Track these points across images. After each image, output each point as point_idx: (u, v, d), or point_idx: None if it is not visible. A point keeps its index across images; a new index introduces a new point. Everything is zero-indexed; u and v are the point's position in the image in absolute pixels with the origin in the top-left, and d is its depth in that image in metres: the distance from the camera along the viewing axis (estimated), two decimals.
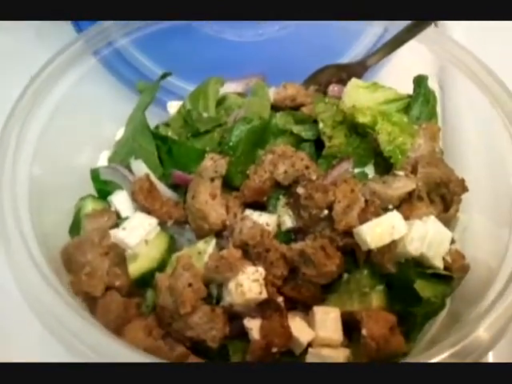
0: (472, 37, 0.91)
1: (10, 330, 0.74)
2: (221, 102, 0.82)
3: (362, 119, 0.69)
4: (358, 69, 0.83)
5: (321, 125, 0.71)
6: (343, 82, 0.82)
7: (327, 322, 0.64)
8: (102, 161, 0.79)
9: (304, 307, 0.67)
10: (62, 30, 0.88)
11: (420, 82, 0.76)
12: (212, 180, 0.67)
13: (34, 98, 0.70)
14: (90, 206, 0.73)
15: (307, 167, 0.67)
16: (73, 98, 0.76)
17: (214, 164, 0.67)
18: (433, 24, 0.81)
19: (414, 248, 0.64)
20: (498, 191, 0.74)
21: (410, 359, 0.63)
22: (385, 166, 0.73)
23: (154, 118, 0.79)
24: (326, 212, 0.66)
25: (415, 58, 0.88)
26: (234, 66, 0.87)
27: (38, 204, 0.66)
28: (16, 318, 0.70)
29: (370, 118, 0.69)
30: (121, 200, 0.72)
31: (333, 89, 0.81)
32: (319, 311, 0.65)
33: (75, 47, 0.77)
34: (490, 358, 0.72)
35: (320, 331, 0.63)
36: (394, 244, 0.64)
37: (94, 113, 0.82)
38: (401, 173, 0.69)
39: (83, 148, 0.80)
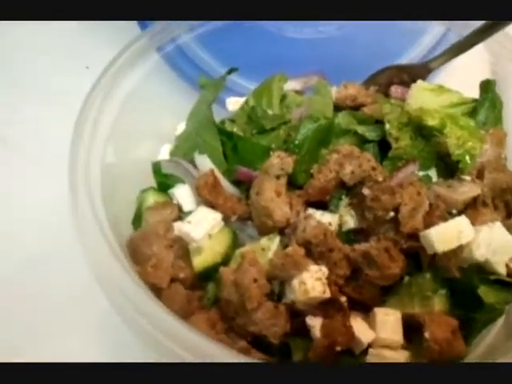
0: None
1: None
2: (281, 99, 0.82)
3: (431, 122, 0.68)
4: (421, 71, 0.82)
5: (387, 126, 0.71)
6: (405, 84, 0.82)
7: (388, 323, 0.64)
8: (163, 154, 0.80)
9: (364, 308, 0.67)
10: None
11: (487, 86, 0.76)
12: (278, 177, 0.67)
13: (105, 92, 0.72)
14: (151, 199, 0.74)
15: (374, 168, 0.67)
16: (137, 93, 0.78)
17: (280, 161, 0.67)
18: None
19: (480, 253, 0.63)
20: None
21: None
22: (447, 170, 0.73)
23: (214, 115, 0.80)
24: (392, 214, 0.66)
25: (472, 60, 0.87)
26: (292, 64, 0.87)
27: (109, 192, 0.67)
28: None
29: (439, 120, 0.69)
30: (183, 194, 0.73)
31: (395, 90, 0.80)
32: (380, 312, 0.65)
33: (140, 43, 0.79)
34: None
35: (381, 332, 0.63)
36: (460, 249, 0.63)
37: (156, 107, 0.83)
38: (467, 177, 0.69)
39: (145, 141, 0.81)
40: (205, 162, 0.72)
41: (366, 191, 0.67)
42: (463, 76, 0.88)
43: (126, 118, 0.74)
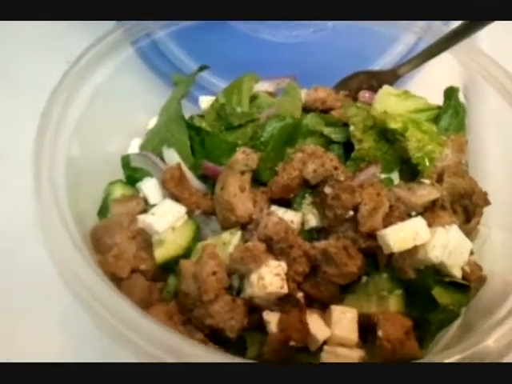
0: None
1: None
2: (252, 99, 0.83)
3: (393, 125, 0.70)
4: (389, 77, 0.84)
5: (352, 127, 0.72)
6: (373, 89, 0.83)
7: (344, 321, 0.65)
8: (133, 148, 0.81)
9: (321, 306, 0.68)
10: None
11: (451, 93, 0.78)
12: (242, 173, 0.68)
13: (74, 83, 0.72)
14: (118, 191, 0.74)
15: (336, 168, 0.68)
16: (109, 86, 0.78)
17: (245, 157, 0.68)
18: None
19: (435, 255, 0.65)
20: None
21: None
22: (409, 174, 0.74)
23: (185, 112, 0.80)
24: (351, 213, 0.67)
25: (442, 68, 0.89)
26: (266, 66, 0.88)
27: (74, 185, 0.67)
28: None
29: (401, 124, 0.70)
30: (150, 187, 0.74)
31: (363, 95, 0.82)
32: (336, 310, 0.66)
33: (114, 36, 0.79)
34: None
35: (336, 330, 0.64)
36: (415, 250, 0.65)
37: (128, 101, 0.84)
38: (426, 181, 0.70)
39: (115, 135, 0.82)
40: (172, 156, 0.73)
41: (327, 190, 0.68)
42: (434, 85, 0.90)
43: (95, 110, 0.75)
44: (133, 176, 0.76)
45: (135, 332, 0.55)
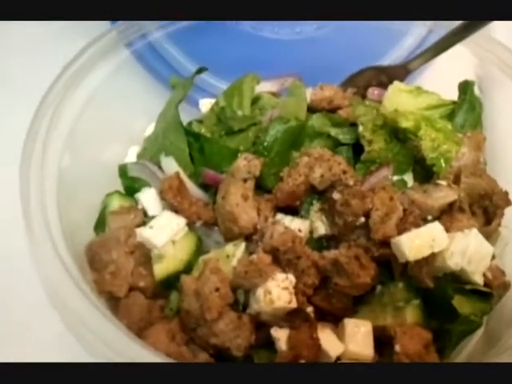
0: None
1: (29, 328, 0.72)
2: (254, 101, 0.79)
3: (405, 124, 0.66)
4: (399, 72, 0.80)
5: (360, 128, 0.68)
6: (383, 86, 0.79)
7: (358, 335, 0.61)
8: (131, 157, 0.77)
9: (334, 319, 0.64)
10: None
11: (466, 87, 0.73)
12: (245, 181, 0.65)
13: (66, 88, 0.69)
14: (116, 203, 0.71)
15: (345, 172, 0.64)
16: (103, 90, 0.75)
17: (247, 164, 0.64)
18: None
19: (454, 262, 0.60)
20: None
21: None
22: (424, 175, 0.70)
23: (185, 116, 0.77)
24: (362, 220, 0.63)
25: (455, 62, 0.84)
26: (268, 65, 0.84)
27: (66, 198, 0.64)
28: (36, 315, 0.68)
29: (413, 122, 0.66)
30: (148, 198, 0.70)
31: (372, 92, 0.78)
32: (350, 324, 0.62)
33: (108, 38, 0.75)
34: None
35: (350, 345, 0.60)
36: (433, 257, 0.60)
37: (125, 106, 0.81)
38: (443, 182, 0.66)
39: (112, 143, 0.78)
40: (171, 165, 0.69)
41: (335, 195, 0.64)
42: (447, 79, 0.85)
43: (89, 116, 0.71)
44: (131, 186, 0.73)
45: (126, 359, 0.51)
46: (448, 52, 0.78)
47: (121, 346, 0.52)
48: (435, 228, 0.61)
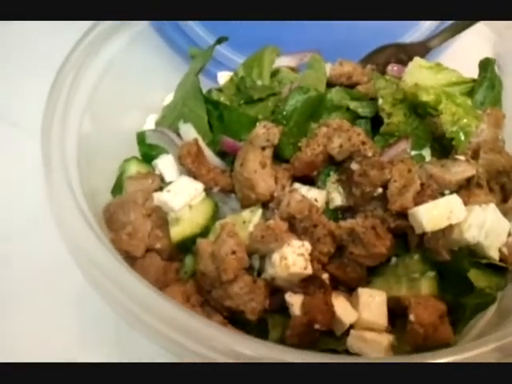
0: None
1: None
2: (274, 74, 0.79)
3: (426, 98, 0.66)
4: (419, 49, 0.80)
5: (380, 101, 0.68)
6: (402, 63, 0.79)
7: (372, 304, 0.61)
8: (149, 124, 0.77)
9: (348, 289, 0.64)
10: None
11: (486, 65, 0.73)
12: (263, 149, 0.65)
13: (85, 55, 0.70)
14: (134, 169, 0.71)
15: (363, 143, 0.64)
16: (123, 60, 0.75)
17: (266, 132, 0.64)
18: None
19: (471, 235, 0.60)
20: None
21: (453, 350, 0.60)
22: (442, 152, 0.70)
23: (203, 88, 0.77)
24: (380, 190, 0.63)
25: (476, 40, 0.84)
26: (288, 41, 0.84)
27: (86, 162, 0.64)
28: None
29: (434, 96, 0.66)
30: (166, 164, 0.70)
31: (392, 68, 0.78)
32: (364, 293, 0.62)
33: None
34: None
35: (364, 313, 0.60)
36: (450, 229, 0.60)
37: (144, 76, 0.81)
38: (461, 157, 0.66)
39: (130, 111, 0.79)
40: (189, 132, 0.69)
41: (354, 166, 0.64)
42: (467, 57, 0.85)
43: (107, 86, 0.72)
44: (149, 153, 0.73)
45: (150, 313, 0.52)
46: (469, 31, 0.78)
47: (141, 297, 0.52)
48: (453, 200, 0.61)
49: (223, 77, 0.82)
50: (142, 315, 0.52)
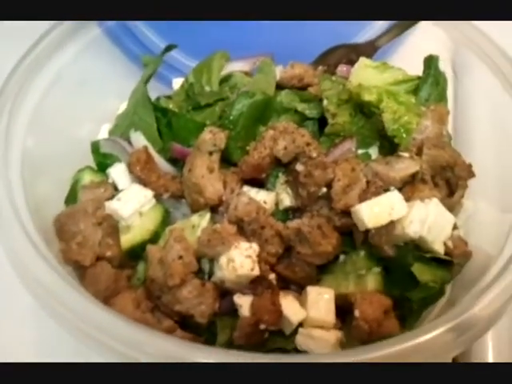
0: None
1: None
2: (226, 79, 0.80)
3: (368, 97, 0.67)
4: (367, 49, 0.81)
5: (325, 102, 0.69)
6: (353, 63, 0.80)
7: (320, 302, 0.62)
8: (103, 133, 0.78)
9: (299, 288, 0.65)
10: None
11: (430, 62, 0.74)
12: (210, 154, 0.66)
13: (33, 66, 0.70)
14: (87, 178, 0.72)
15: (308, 144, 0.65)
16: (74, 69, 0.76)
17: (212, 137, 0.65)
18: None
19: (413, 230, 0.62)
20: (506, 179, 0.72)
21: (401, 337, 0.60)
22: (390, 149, 0.71)
23: (159, 94, 0.78)
24: (324, 190, 0.64)
25: (429, 42, 0.85)
26: (242, 45, 0.85)
27: (33, 174, 0.65)
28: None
29: (376, 96, 0.67)
30: (118, 172, 0.71)
31: (341, 69, 0.79)
32: (312, 291, 0.63)
33: None
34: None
35: (312, 311, 0.62)
36: (392, 225, 0.62)
37: (97, 85, 0.81)
38: (405, 154, 0.67)
39: (84, 120, 0.79)
40: (139, 139, 0.70)
41: (299, 167, 0.65)
42: (417, 56, 0.86)
43: (59, 95, 0.72)
44: (103, 162, 0.74)
45: (96, 328, 0.52)
46: (421, 32, 0.79)
47: (86, 313, 0.53)
48: (394, 196, 0.62)
49: (178, 83, 0.83)
50: (87, 330, 0.52)
